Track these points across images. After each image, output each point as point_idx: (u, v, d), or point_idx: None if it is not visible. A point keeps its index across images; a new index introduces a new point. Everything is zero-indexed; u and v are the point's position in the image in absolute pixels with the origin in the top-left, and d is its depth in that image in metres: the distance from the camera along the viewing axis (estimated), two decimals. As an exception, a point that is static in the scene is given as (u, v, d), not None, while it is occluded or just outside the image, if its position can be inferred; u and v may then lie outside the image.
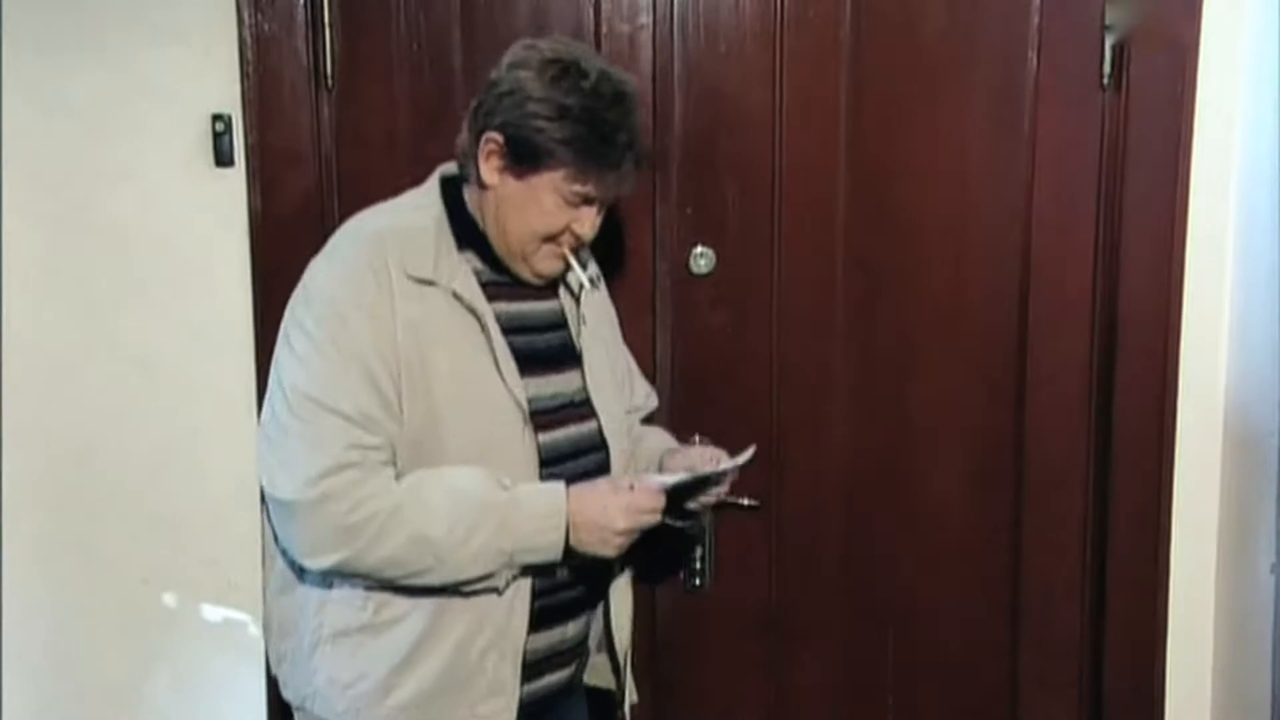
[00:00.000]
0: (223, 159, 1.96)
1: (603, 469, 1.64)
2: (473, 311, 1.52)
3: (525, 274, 1.59)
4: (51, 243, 1.98)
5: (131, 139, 1.96)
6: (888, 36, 1.93)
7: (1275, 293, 1.76)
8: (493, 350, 1.53)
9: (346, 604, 1.53)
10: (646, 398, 1.90)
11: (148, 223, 1.98)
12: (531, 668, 1.59)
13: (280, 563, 1.59)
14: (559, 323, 1.66)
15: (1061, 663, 2.03)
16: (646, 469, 1.75)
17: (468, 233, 1.57)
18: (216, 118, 1.95)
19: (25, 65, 1.94)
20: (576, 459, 1.61)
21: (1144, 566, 1.96)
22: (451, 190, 1.59)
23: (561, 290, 1.68)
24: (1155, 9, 1.86)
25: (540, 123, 1.48)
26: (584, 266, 1.67)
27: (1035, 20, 1.90)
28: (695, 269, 1.98)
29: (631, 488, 1.56)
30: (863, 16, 1.93)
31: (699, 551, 2.02)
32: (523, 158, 1.50)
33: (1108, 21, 1.88)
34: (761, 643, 2.07)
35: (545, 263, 1.58)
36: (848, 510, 2.04)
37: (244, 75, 1.93)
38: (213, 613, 2.06)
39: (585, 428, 1.64)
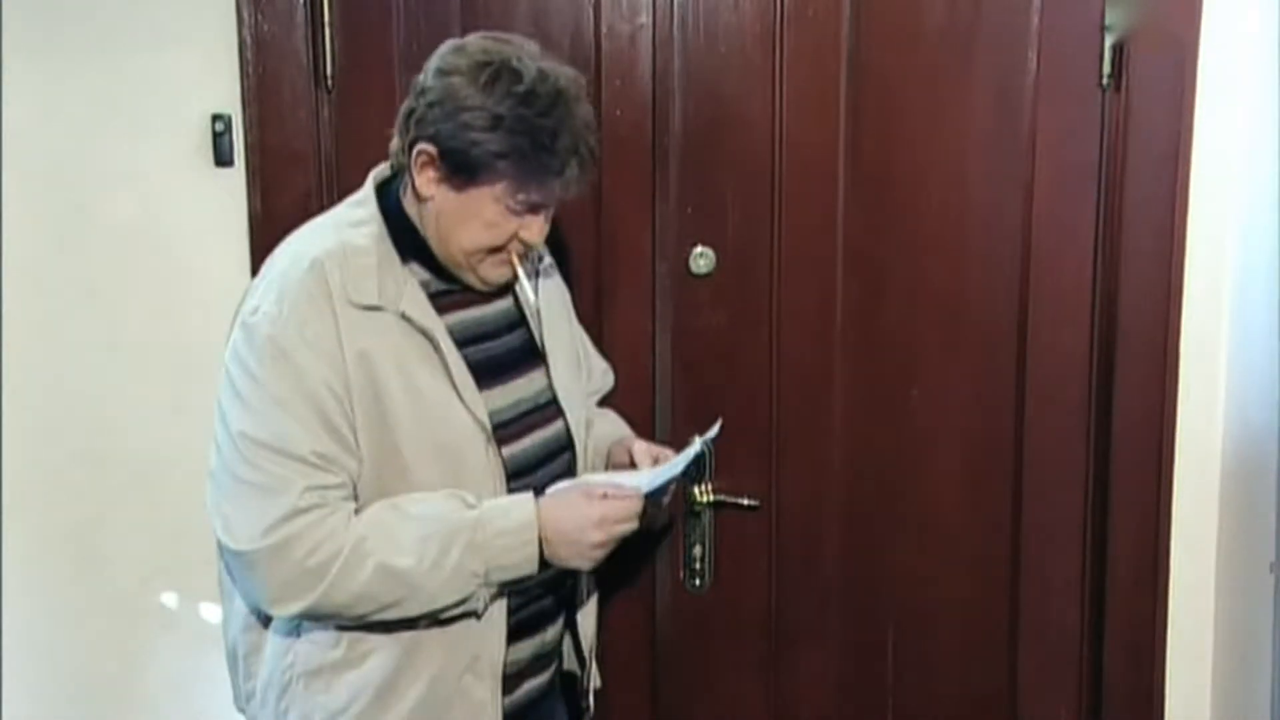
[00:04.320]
0: (222, 159, 1.96)
1: (570, 469, 1.62)
2: (423, 332, 1.46)
3: (472, 281, 1.52)
4: (51, 243, 1.98)
5: (131, 139, 1.96)
6: (888, 36, 1.93)
7: (1275, 293, 1.76)
8: (448, 369, 1.47)
9: (317, 644, 1.48)
10: (604, 375, 1.86)
11: (148, 223, 1.98)
12: (514, 679, 1.56)
13: (242, 602, 1.53)
14: (516, 322, 1.61)
15: (1061, 663, 2.03)
16: (592, 466, 1.70)
17: (410, 242, 1.50)
18: (216, 118, 1.95)
19: (26, 65, 1.94)
20: (546, 464, 1.58)
21: (1144, 566, 1.96)
22: (388, 196, 1.52)
23: (515, 285, 1.62)
24: (1155, 9, 1.86)
25: (475, 135, 1.40)
26: (535, 263, 1.63)
27: (1035, 20, 1.89)
28: (695, 269, 1.98)
29: (605, 496, 1.48)
30: (863, 16, 1.93)
31: (699, 551, 2.03)
32: (459, 170, 1.42)
33: (1107, 21, 1.87)
34: (761, 643, 2.07)
35: (493, 271, 1.51)
36: (848, 510, 2.04)
37: (244, 75, 1.93)
38: (212, 613, 2.05)
39: (552, 430, 1.60)
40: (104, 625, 2.06)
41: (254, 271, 1.95)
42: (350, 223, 1.50)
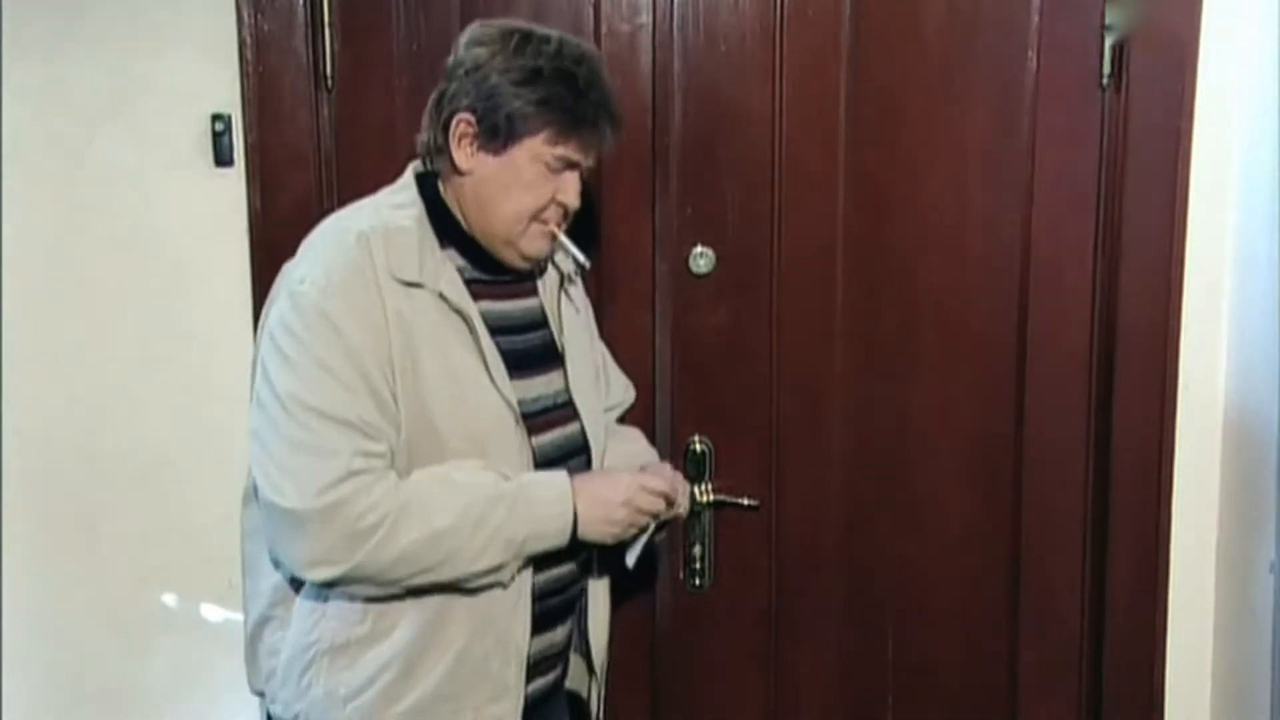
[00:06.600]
0: (222, 159, 1.96)
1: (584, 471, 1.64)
2: (459, 313, 1.51)
3: (513, 259, 1.56)
4: (52, 242, 1.98)
5: (131, 139, 1.96)
6: (888, 36, 1.93)
7: (1275, 293, 1.76)
8: (481, 351, 1.51)
9: (343, 618, 1.50)
10: (625, 391, 1.89)
11: (148, 223, 1.98)
12: (529, 670, 1.58)
13: (271, 579, 1.56)
14: (540, 322, 1.64)
15: (1061, 663, 2.03)
16: None
17: (448, 230, 1.55)
18: (216, 118, 1.95)
19: (25, 65, 1.94)
20: (564, 461, 1.61)
21: (1144, 566, 1.96)
22: (427, 186, 1.57)
23: (540, 287, 1.66)
24: (1155, 9, 1.86)
25: (514, 90, 1.47)
26: (569, 272, 1.67)
27: (1035, 20, 1.90)
28: (695, 269, 1.98)
29: (641, 468, 1.61)
30: (863, 16, 1.93)
31: (699, 551, 2.03)
32: (498, 131, 1.49)
33: (1108, 21, 1.88)
34: (762, 642, 2.07)
35: (534, 243, 1.55)
36: (848, 510, 2.04)
37: (244, 75, 1.93)
38: (212, 613, 2.06)
39: (569, 429, 1.63)
40: (104, 625, 2.06)
41: (254, 271, 1.96)
42: (391, 205, 1.55)
